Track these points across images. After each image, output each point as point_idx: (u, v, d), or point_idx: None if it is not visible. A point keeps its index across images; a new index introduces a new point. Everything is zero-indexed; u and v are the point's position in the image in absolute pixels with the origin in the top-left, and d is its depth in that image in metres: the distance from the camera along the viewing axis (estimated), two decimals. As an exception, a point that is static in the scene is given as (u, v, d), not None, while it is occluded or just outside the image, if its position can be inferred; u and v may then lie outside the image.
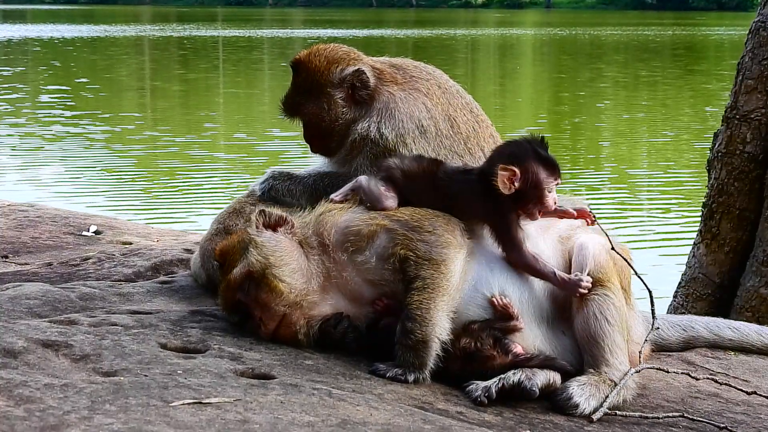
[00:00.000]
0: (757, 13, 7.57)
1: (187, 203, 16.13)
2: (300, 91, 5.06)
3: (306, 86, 5.03)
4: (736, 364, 5.14)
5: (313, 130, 5.09)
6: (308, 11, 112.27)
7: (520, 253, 4.27)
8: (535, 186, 4.27)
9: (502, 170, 4.25)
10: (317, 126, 5.05)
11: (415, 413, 3.67)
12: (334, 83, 4.99)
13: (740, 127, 7.38)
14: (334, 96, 4.99)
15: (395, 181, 4.42)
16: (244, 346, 4.17)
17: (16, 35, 58.57)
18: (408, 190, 4.41)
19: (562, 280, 4.26)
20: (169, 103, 30.18)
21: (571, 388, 4.12)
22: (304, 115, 5.08)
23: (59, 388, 3.38)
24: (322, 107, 5.01)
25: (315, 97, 5.01)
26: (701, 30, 73.76)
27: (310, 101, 5.03)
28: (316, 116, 5.03)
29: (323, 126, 5.03)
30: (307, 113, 5.05)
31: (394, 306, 4.24)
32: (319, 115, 5.01)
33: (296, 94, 5.08)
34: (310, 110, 5.04)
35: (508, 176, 4.24)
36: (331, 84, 5.00)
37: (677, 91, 33.96)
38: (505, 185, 4.25)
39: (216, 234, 5.13)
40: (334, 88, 4.99)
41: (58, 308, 4.74)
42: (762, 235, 7.23)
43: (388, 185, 4.41)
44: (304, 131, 5.14)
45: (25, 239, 7.09)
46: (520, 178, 4.25)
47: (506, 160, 4.28)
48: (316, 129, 5.06)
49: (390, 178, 4.43)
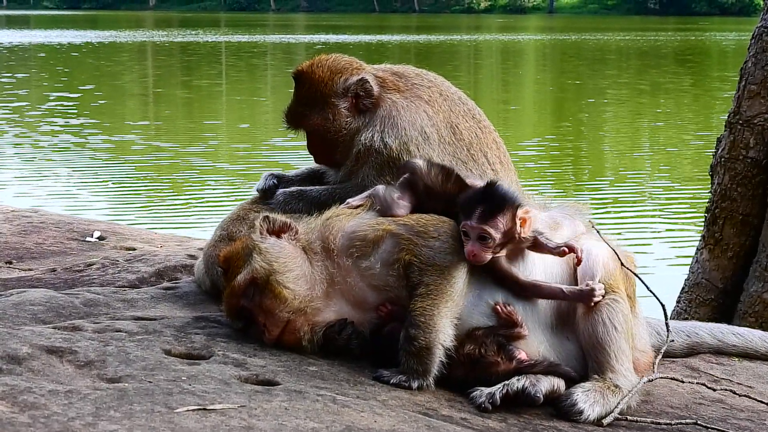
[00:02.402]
0: (761, 18, 7.57)
1: (191, 209, 16.14)
2: (303, 102, 5.06)
3: (309, 97, 5.04)
4: (740, 370, 5.13)
5: (317, 140, 5.09)
6: (311, 16, 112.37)
7: (520, 285, 4.26)
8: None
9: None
10: (322, 137, 5.05)
11: (420, 419, 3.67)
12: (338, 93, 5.00)
13: (743, 133, 7.38)
14: (338, 106, 4.99)
15: (415, 190, 4.42)
16: (248, 353, 4.18)
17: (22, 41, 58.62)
18: (425, 203, 4.41)
19: (573, 293, 4.25)
20: (172, 110, 30.20)
21: (576, 395, 4.12)
22: (308, 126, 5.07)
23: (63, 395, 3.38)
24: (327, 118, 5.01)
25: (319, 108, 5.01)
26: (704, 35, 73.75)
27: (314, 112, 5.03)
28: (320, 127, 5.02)
29: (328, 137, 5.03)
30: (311, 124, 5.05)
31: (398, 312, 4.24)
32: (324, 126, 5.01)
33: (300, 106, 5.08)
34: (314, 121, 5.03)
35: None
36: (335, 94, 5.00)
37: (680, 97, 33.96)
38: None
39: (220, 240, 5.13)
40: (338, 98, 5.00)
41: (62, 314, 4.74)
42: (765, 240, 7.23)
43: (404, 193, 4.40)
44: (308, 142, 5.14)
45: (28, 245, 7.09)
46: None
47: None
48: (321, 140, 5.06)
49: (411, 186, 4.43)
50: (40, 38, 60.83)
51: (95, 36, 65.01)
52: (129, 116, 27.98)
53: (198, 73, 41.02)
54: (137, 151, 21.31)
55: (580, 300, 4.25)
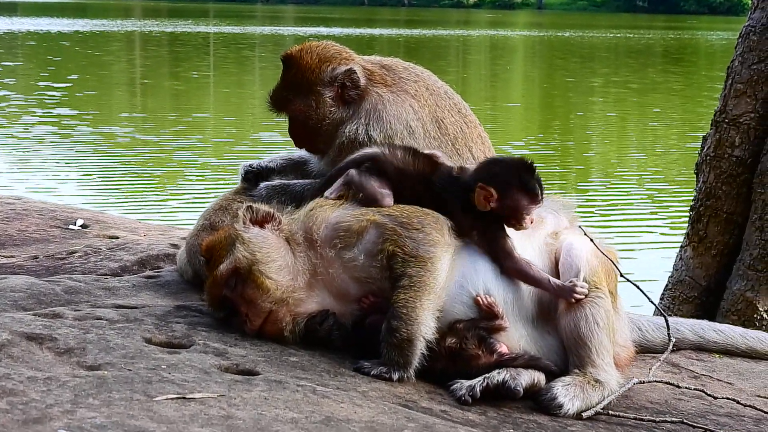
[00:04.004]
0: (748, 18, 7.59)
1: (174, 198, 16.10)
2: (289, 86, 5.05)
3: (295, 82, 5.02)
4: (720, 366, 5.15)
5: (299, 126, 5.07)
6: (300, 8, 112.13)
7: (513, 260, 4.27)
8: (512, 209, 4.29)
9: (480, 188, 4.27)
10: (304, 123, 5.04)
11: (399, 411, 3.67)
12: (324, 81, 4.98)
13: (729, 131, 7.39)
14: (323, 95, 4.98)
15: (387, 174, 4.41)
16: (229, 342, 4.17)
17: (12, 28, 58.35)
18: (400, 186, 4.39)
19: (557, 287, 4.26)
20: (158, 99, 30.12)
21: (556, 389, 4.13)
22: (290, 111, 5.06)
23: (42, 382, 3.37)
24: (310, 105, 5.00)
25: (304, 95, 5.00)
26: (692, 33, 73.89)
27: (298, 98, 5.01)
28: (303, 113, 5.01)
29: (310, 124, 5.02)
30: (294, 110, 5.04)
31: (381, 304, 4.24)
32: (306, 113, 5.00)
33: (285, 90, 5.06)
34: (297, 107, 5.02)
35: (484, 195, 4.27)
36: (321, 82, 4.98)
37: (667, 94, 34.02)
38: (481, 203, 4.28)
39: (202, 230, 5.12)
40: (324, 86, 4.98)
41: (43, 301, 4.73)
42: (749, 239, 7.25)
43: (381, 180, 4.39)
44: (289, 126, 5.13)
45: (11, 232, 7.06)
46: (497, 200, 4.27)
47: (487, 180, 4.29)
48: (303, 126, 5.05)
49: (382, 171, 4.42)
50: (28, 26, 60.57)
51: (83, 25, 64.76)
52: (116, 106, 27.89)
53: (186, 65, 40.89)
54: (123, 142, 21.24)
55: (561, 294, 4.25)
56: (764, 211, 7.17)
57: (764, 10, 7.45)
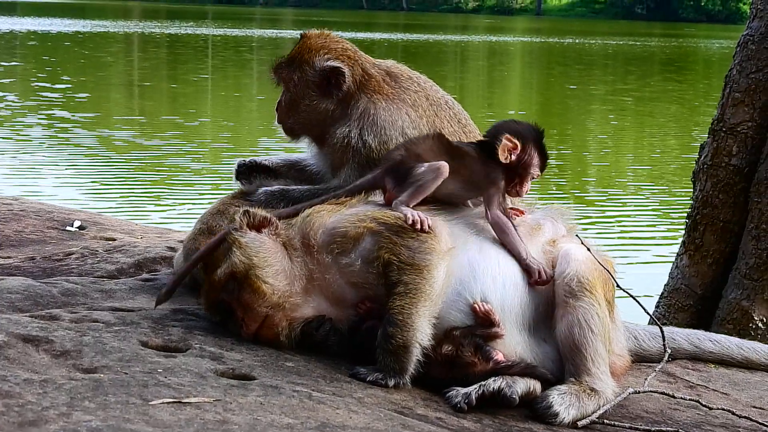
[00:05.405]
0: (746, 26, 7.59)
1: (172, 201, 16.08)
2: (290, 57, 5.18)
3: (295, 56, 5.15)
4: (716, 376, 5.15)
5: (285, 99, 5.19)
6: (298, 11, 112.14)
7: (499, 212, 4.41)
8: (526, 166, 4.54)
9: (507, 140, 4.51)
10: (290, 97, 5.15)
11: (395, 418, 3.67)
12: (313, 66, 5.09)
13: (726, 140, 7.39)
14: (307, 74, 5.08)
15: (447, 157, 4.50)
16: (225, 346, 4.17)
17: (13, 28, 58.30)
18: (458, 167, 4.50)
19: (528, 262, 4.34)
20: (157, 102, 30.11)
21: (551, 397, 4.13)
22: (279, 76, 5.20)
23: (38, 384, 3.37)
24: (292, 78, 5.11)
25: (294, 67, 5.12)
26: (690, 42, 73.96)
27: (289, 68, 5.14)
28: (287, 83, 5.14)
29: (290, 98, 5.14)
30: (283, 77, 5.17)
31: (377, 309, 4.24)
32: (289, 83, 5.13)
33: (286, 59, 5.20)
34: (285, 75, 5.15)
35: (510, 147, 4.51)
36: (310, 64, 5.10)
37: (665, 102, 34.02)
38: (504, 154, 4.50)
39: (200, 233, 5.12)
40: (312, 69, 5.09)
41: (40, 303, 4.72)
42: (745, 247, 7.25)
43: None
44: (279, 100, 5.24)
45: (8, 233, 7.05)
46: (518, 154, 4.52)
47: (512, 133, 4.55)
48: (288, 99, 5.17)
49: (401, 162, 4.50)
50: (28, 26, 60.52)
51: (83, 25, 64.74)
52: (114, 109, 27.86)
53: (185, 67, 40.88)
54: (121, 144, 21.22)
55: (526, 269, 4.34)
56: (761, 220, 7.17)
57: (762, 19, 7.45)
